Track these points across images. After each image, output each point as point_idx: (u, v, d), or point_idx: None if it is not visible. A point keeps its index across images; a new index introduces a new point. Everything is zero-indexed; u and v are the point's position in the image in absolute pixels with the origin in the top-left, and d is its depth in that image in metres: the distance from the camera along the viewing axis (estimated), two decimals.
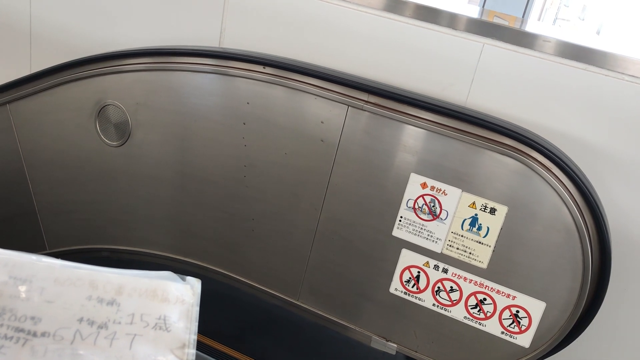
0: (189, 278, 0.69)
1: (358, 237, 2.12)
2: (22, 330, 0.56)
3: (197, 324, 0.63)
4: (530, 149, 1.84)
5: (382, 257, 2.11)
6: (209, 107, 2.19)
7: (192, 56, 2.18)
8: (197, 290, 0.67)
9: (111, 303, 0.61)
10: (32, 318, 0.57)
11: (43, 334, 0.56)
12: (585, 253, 1.84)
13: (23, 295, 0.58)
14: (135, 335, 0.60)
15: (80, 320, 0.58)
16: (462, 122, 1.90)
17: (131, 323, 0.60)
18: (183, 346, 0.61)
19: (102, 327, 0.59)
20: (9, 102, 2.39)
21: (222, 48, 2.41)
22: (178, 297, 0.65)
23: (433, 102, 1.95)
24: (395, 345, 2.18)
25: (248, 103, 2.13)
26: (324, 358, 2.41)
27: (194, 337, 0.62)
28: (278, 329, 2.45)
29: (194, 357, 0.61)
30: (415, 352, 2.16)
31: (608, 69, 1.94)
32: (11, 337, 0.55)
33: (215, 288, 2.42)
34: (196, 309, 0.65)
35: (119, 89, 2.27)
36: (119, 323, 0.60)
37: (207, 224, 2.35)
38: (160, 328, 0.61)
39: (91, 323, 0.59)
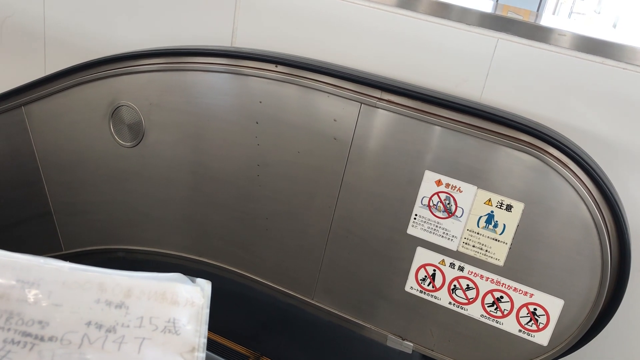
0: (198, 280, 0.68)
1: (372, 236, 2.11)
2: (29, 335, 0.55)
3: (207, 326, 0.62)
4: (546, 144, 1.82)
5: (397, 256, 2.09)
6: (222, 107, 2.19)
7: (205, 56, 2.17)
8: (207, 292, 0.66)
9: (120, 306, 0.60)
10: (40, 322, 0.56)
11: (50, 339, 0.56)
12: (604, 250, 1.81)
13: (31, 299, 0.57)
14: (144, 338, 0.59)
15: (88, 324, 0.58)
16: (477, 118, 1.87)
17: (140, 326, 0.59)
18: (193, 350, 0.60)
19: (110, 331, 0.58)
20: (24, 104, 2.41)
21: (234, 47, 2.41)
22: (188, 300, 0.64)
23: (447, 99, 1.92)
24: (412, 344, 2.17)
25: (261, 102, 2.12)
26: (340, 357, 2.40)
27: (203, 341, 0.61)
28: (293, 328, 2.45)
29: None
30: (432, 350, 2.15)
31: (626, 62, 1.91)
32: (18, 342, 0.54)
33: (230, 287, 2.42)
34: (206, 311, 0.64)
35: (133, 89, 2.27)
36: (128, 326, 0.59)
37: (221, 223, 2.35)
38: (170, 331, 0.60)
39: (99, 327, 0.58)
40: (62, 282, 0.59)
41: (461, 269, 2.01)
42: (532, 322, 1.96)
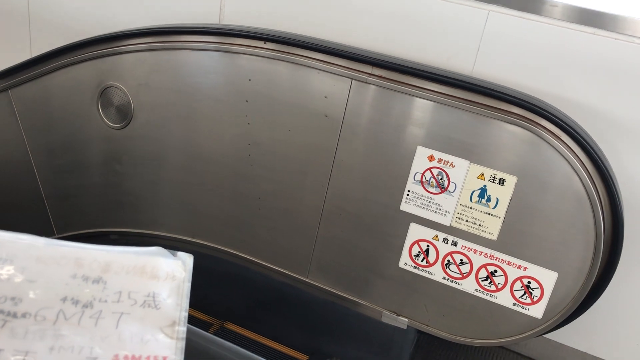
0: (180, 253, 0.67)
1: (366, 213, 2.10)
2: (1, 312, 0.54)
3: (188, 300, 0.61)
4: (539, 117, 1.80)
5: (391, 232, 2.08)
6: (211, 86, 2.16)
7: (193, 34, 2.14)
8: (188, 265, 0.65)
9: (97, 281, 0.59)
10: (13, 299, 0.55)
11: (24, 315, 0.54)
12: (597, 221, 1.81)
13: (3, 275, 0.56)
14: (122, 313, 0.58)
15: (64, 299, 0.56)
16: (469, 92, 1.86)
17: (118, 301, 0.58)
18: (173, 324, 0.59)
19: (87, 307, 0.57)
20: (10, 87, 2.37)
21: (222, 25, 2.37)
22: (168, 273, 0.62)
23: (438, 73, 1.90)
24: (407, 320, 2.17)
25: (250, 80, 2.10)
26: (335, 334, 2.41)
27: (184, 314, 0.60)
28: (288, 306, 2.45)
29: (184, 335, 0.58)
30: (427, 325, 2.15)
31: (618, 33, 1.89)
32: None
33: (224, 268, 2.41)
34: (187, 284, 0.63)
35: (120, 70, 2.24)
36: (105, 302, 0.58)
37: (214, 204, 2.33)
38: (149, 306, 0.59)
39: (75, 302, 0.57)
40: (37, 258, 0.57)
41: (454, 244, 2.01)
42: (526, 295, 1.97)
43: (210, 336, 0.75)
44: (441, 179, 1.95)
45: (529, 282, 1.95)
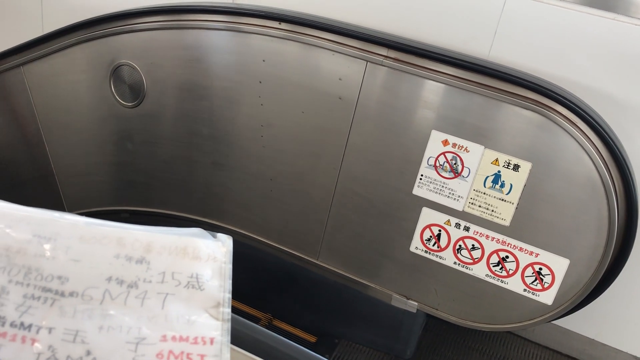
0: (219, 235, 0.67)
1: (378, 196, 2.09)
2: (49, 290, 0.54)
3: (230, 281, 0.61)
4: (554, 102, 1.79)
5: (403, 216, 2.08)
6: (224, 66, 2.15)
7: (206, 13, 2.13)
8: (228, 247, 0.65)
9: (140, 261, 0.59)
10: (59, 277, 0.55)
11: (71, 294, 0.54)
12: (611, 208, 1.80)
13: (48, 254, 0.56)
14: (167, 294, 0.58)
15: (109, 279, 0.57)
16: (485, 76, 1.84)
17: (162, 282, 0.58)
18: (218, 305, 0.59)
19: (132, 287, 0.57)
20: (23, 63, 2.36)
21: (236, 4, 2.35)
22: (210, 255, 0.62)
23: (455, 56, 1.89)
24: (416, 304, 2.18)
25: (264, 61, 2.08)
26: (344, 317, 2.42)
27: (228, 296, 0.60)
28: (298, 287, 2.46)
29: (229, 317, 0.59)
30: (436, 310, 2.16)
31: (639, 19, 1.86)
32: (39, 297, 0.53)
33: (235, 248, 2.42)
34: (229, 266, 0.63)
35: (133, 48, 2.23)
36: (150, 282, 0.58)
37: (226, 184, 2.33)
38: (193, 287, 0.59)
39: (120, 282, 0.57)
40: (80, 237, 0.57)
41: (467, 229, 2.01)
42: (537, 281, 1.97)
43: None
44: (455, 163, 1.94)
45: (540, 269, 1.95)
